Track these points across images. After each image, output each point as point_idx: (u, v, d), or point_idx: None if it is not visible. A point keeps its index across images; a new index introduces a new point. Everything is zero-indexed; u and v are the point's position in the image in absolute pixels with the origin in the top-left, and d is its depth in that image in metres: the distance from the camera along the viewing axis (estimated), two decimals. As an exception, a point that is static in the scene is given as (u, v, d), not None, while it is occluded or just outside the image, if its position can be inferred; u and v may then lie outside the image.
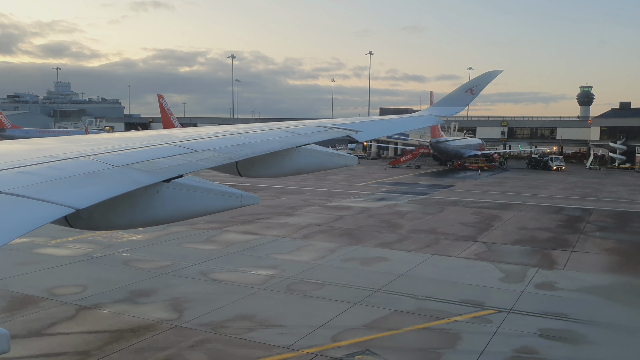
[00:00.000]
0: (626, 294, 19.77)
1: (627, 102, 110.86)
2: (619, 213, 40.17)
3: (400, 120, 15.32)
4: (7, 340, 3.93)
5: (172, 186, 6.54)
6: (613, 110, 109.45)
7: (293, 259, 24.30)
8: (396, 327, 16.11)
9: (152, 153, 6.80)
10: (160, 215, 6.64)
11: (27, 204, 4.47)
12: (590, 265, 23.98)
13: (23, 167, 5.39)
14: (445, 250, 26.51)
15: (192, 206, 6.81)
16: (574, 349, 14.68)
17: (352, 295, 18.99)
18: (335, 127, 11.15)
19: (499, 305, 18.14)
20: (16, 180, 4.92)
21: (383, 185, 58.12)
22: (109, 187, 5.39)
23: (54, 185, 5.02)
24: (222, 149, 7.77)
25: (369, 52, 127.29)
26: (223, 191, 7.14)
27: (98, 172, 5.65)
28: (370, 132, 12.47)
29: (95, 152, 6.39)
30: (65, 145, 7.24)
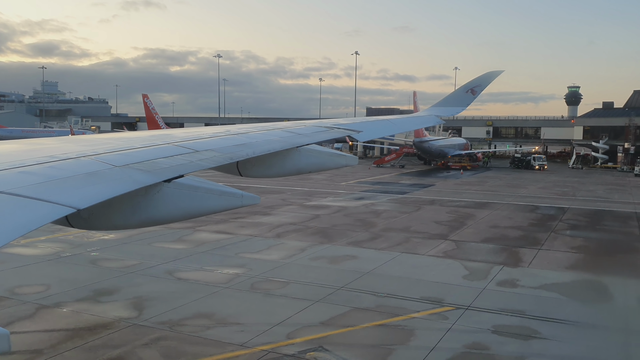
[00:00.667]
0: (584, 291, 20.10)
1: (610, 102, 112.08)
2: (593, 212, 40.67)
3: (400, 121, 15.34)
4: (7, 340, 3.94)
5: (173, 186, 6.55)
6: (596, 110, 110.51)
7: (262, 257, 24.41)
8: (353, 324, 16.29)
9: (153, 153, 6.82)
10: (161, 215, 6.66)
11: (28, 203, 4.49)
12: (555, 263, 24.30)
13: (24, 167, 5.40)
14: (414, 249, 26.75)
15: (192, 206, 6.83)
16: (524, 345, 14.93)
17: (314, 293, 19.15)
18: (336, 127, 11.18)
19: (458, 302, 18.38)
20: (17, 180, 4.94)
21: (364, 185, 58.35)
22: (109, 187, 5.41)
23: (55, 185, 5.04)
24: (223, 149, 7.78)
25: (355, 52, 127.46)
26: (224, 191, 7.15)
27: (99, 172, 5.67)
28: (371, 132, 12.52)
29: (96, 152, 6.41)
30: (66, 145, 7.26)
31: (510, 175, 75.45)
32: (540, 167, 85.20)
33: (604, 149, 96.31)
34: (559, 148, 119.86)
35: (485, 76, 15.07)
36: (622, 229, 33.47)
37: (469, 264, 23.90)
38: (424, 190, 54.11)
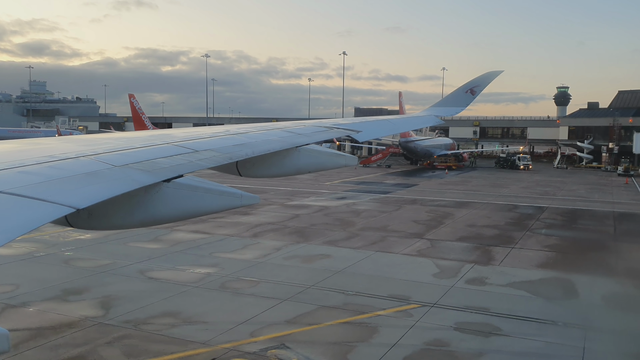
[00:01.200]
0: (551, 288, 20.36)
1: (595, 102, 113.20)
2: (571, 211, 41.09)
3: (400, 121, 15.39)
4: (7, 340, 3.96)
5: (173, 186, 6.56)
6: (581, 111, 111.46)
7: (235, 257, 24.50)
8: (318, 322, 16.44)
9: (153, 153, 6.83)
10: (160, 215, 6.69)
11: (28, 203, 4.49)
12: (526, 261, 24.58)
13: (23, 167, 5.41)
14: (389, 247, 26.95)
15: (192, 206, 6.85)
16: (484, 341, 15.15)
17: (283, 292, 19.28)
18: (335, 127, 11.20)
19: (425, 299, 18.58)
20: (17, 180, 4.95)
21: (348, 185, 58.52)
22: (109, 187, 5.41)
23: (55, 185, 5.05)
24: (223, 149, 7.77)
25: (343, 52, 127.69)
26: (223, 191, 7.16)
27: (98, 172, 5.68)
28: (371, 132, 12.55)
29: (96, 152, 6.41)
30: (66, 145, 7.26)
31: (494, 175, 75.96)
32: (525, 167, 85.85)
33: (589, 149, 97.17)
34: (545, 148, 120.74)
35: (484, 76, 15.10)
36: (598, 227, 33.88)
37: (440, 262, 24.12)
38: (407, 190, 54.38)
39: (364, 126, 12.17)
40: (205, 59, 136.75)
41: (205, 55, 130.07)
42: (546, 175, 75.65)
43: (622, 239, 29.88)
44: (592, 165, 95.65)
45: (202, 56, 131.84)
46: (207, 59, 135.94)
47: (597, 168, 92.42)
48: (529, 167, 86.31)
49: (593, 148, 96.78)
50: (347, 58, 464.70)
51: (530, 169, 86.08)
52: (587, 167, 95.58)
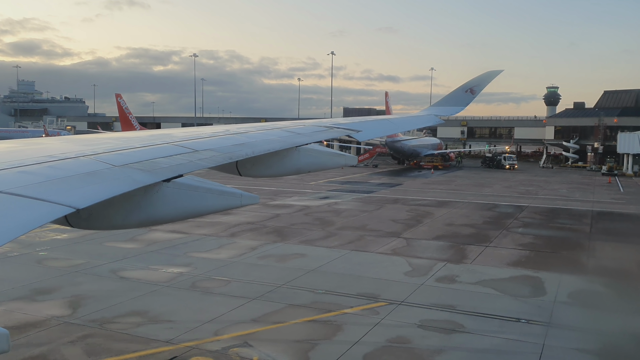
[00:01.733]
0: (519, 286, 20.57)
1: (581, 102, 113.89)
2: (551, 210, 41.46)
3: (400, 120, 15.37)
4: (7, 340, 3.97)
5: (172, 186, 6.55)
6: (567, 110, 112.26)
7: (210, 257, 24.56)
8: (284, 320, 16.55)
9: (152, 153, 6.82)
10: (160, 214, 6.68)
11: (27, 203, 4.49)
12: (499, 259, 24.82)
13: (23, 167, 5.40)
14: (365, 246, 27.11)
15: (192, 206, 6.84)
16: (445, 338, 15.32)
17: (253, 291, 19.38)
18: (335, 127, 11.20)
19: (393, 297, 18.74)
20: (16, 180, 4.94)
21: (333, 184, 58.65)
22: (109, 186, 5.41)
23: (54, 184, 5.04)
24: (222, 149, 7.77)
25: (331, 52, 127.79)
26: (223, 191, 7.16)
27: (98, 171, 5.67)
28: (371, 131, 12.55)
29: (95, 152, 6.42)
30: (65, 145, 7.25)
31: (479, 174, 76.39)
32: (511, 166, 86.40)
33: (575, 148, 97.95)
34: (533, 148, 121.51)
35: (484, 76, 15.09)
36: (574, 226, 34.22)
37: (414, 260, 24.32)
38: (391, 190, 54.60)
39: (364, 126, 12.20)
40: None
41: (194, 55, 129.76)
42: (531, 175, 76.18)
43: (596, 238, 30.21)
44: (578, 164, 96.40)
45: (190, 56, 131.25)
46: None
47: (583, 167, 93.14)
48: (515, 167, 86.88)
49: (579, 148, 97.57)
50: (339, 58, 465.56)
51: (515, 168, 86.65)
52: (572, 166, 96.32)
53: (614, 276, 22.03)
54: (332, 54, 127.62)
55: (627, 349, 14.61)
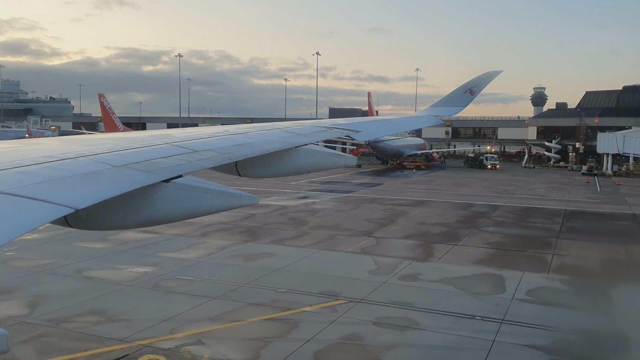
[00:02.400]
0: (480, 284, 20.85)
1: (564, 102, 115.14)
2: (525, 209, 41.91)
3: (399, 121, 15.36)
4: (6, 340, 4.00)
5: (172, 186, 6.53)
6: (550, 111, 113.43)
7: (178, 256, 24.62)
8: (241, 318, 16.69)
9: (152, 153, 6.82)
10: (159, 215, 6.67)
11: (27, 203, 4.48)
12: (464, 258, 25.11)
13: (22, 167, 5.39)
14: (335, 246, 27.30)
15: (191, 206, 6.82)
16: (398, 335, 15.54)
17: (215, 290, 19.48)
18: (334, 127, 11.21)
19: (354, 295, 18.94)
20: (15, 180, 4.94)
21: (314, 184, 58.79)
22: (108, 187, 5.40)
23: (54, 185, 5.03)
24: (222, 149, 7.77)
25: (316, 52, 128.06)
26: (222, 191, 7.13)
27: (97, 172, 5.66)
28: (370, 132, 12.60)
29: (95, 152, 6.42)
30: (65, 145, 7.26)
31: (460, 174, 76.92)
32: (493, 166, 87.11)
33: (556, 148, 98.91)
34: (517, 148, 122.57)
35: (483, 76, 15.14)
36: (545, 225, 34.63)
37: (380, 259, 24.54)
38: (370, 189, 54.87)
39: (364, 126, 12.25)
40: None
41: (179, 55, 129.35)
42: (512, 175, 76.85)
43: (564, 236, 30.60)
44: (560, 164, 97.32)
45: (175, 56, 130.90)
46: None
47: (564, 167, 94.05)
48: (497, 167, 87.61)
49: (560, 148, 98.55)
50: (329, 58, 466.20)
51: (497, 168, 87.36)
52: (554, 166, 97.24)
53: (575, 274, 22.39)
54: (317, 54, 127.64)
55: (574, 345, 14.91)
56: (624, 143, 78.75)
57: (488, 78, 15.09)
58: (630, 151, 79.10)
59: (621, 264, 24.30)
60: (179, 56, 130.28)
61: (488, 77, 15.10)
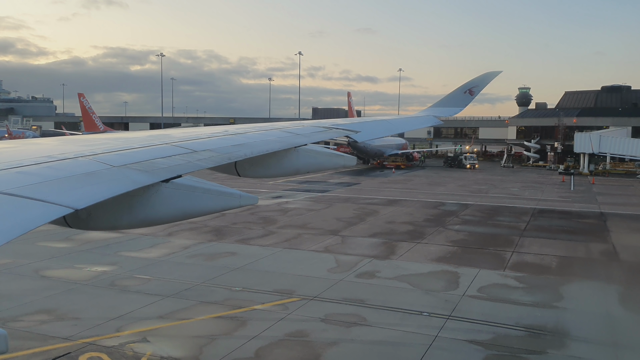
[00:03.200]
0: (434, 281, 21.13)
1: (543, 102, 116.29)
2: (494, 207, 42.37)
3: (399, 121, 15.43)
4: (5, 341, 3.98)
5: (171, 186, 6.53)
6: (529, 111, 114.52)
7: (140, 256, 24.64)
8: (191, 316, 16.80)
9: (151, 153, 6.82)
10: (159, 215, 6.67)
11: (26, 204, 4.47)
12: (425, 255, 25.40)
13: (22, 167, 5.38)
14: (299, 244, 27.46)
15: (190, 206, 6.84)
16: (343, 331, 15.74)
17: (170, 289, 19.56)
18: (334, 127, 11.21)
19: (308, 293, 19.12)
20: (15, 180, 4.93)
21: (291, 184, 58.90)
22: (107, 187, 5.39)
23: (53, 185, 5.02)
24: (221, 149, 7.78)
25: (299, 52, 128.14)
26: (222, 191, 7.14)
27: (97, 172, 5.66)
28: (369, 132, 12.59)
29: (94, 153, 6.43)
30: (64, 146, 7.26)
31: (438, 174, 77.47)
32: (472, 166, 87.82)
33: (536, 148, 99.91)
34: (499, 147, 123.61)
35: (483, 77, 15.19)
36: (511, 223, 35.06)
37: (342, 257, 24.75)
38: (347, 189, 55.10)
39: (363, 126, 12.29)
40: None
41: (161, 55, 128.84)
42: (489, 174, 77.54)
43: (527, 234, 31.03)
44: (539, 164, 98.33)
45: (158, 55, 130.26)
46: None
47: (543, 167, 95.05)
48: (476, 166, 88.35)
49: (539, 147, 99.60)
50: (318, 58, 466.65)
51: (476, 167, 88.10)
52: (533, 166, 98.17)
53: (530, 271, 22.74)
54: (299, 54, 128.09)
55: (513, 340, 15.19)
56: (599, 143, 79.85)
57: (487, 78, 15.19)
58: (606, 151, 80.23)
59: (577, 261, 24.72)
60: (160, 56, 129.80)
61: (487, 78, 15.20)
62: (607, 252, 26.62)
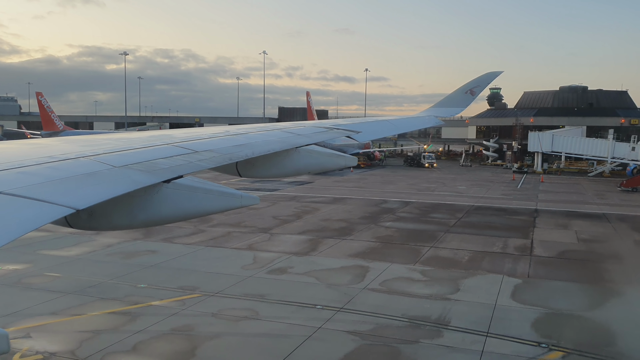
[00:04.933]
0: (342, 275, 21.62)
1: (503, 103, 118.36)
2: (434, 205, 43.22)
3: (399, 121, 15.31)
4: (6, 341, 4.00)
5: (172, 187, 6.52)
6: (489, 111, 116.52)
7: (59, 254, 24.62)
8: (83, 312, 16.99)
9: (152, 153, 6.81)
10: (160, 215, 6.68)
11: (27, 204, 4.45)
12: (345, 251, 25.90)
13: (23, 168, 5.36)
14: (224, 242, 27.74)
15: (191, 206, 6.84)
16: (230, 325, 16.11)
17: (75, 286, 19.67)
18: (335, 128, 11.24)
19: (212, 289, 19.42)
20: (16, 181, 4.90)
21: (244, 182, 58.86)
22: (109, 187, 5.39)
23: (54, 185, 5.01)
24: (222, 150, 7.79)
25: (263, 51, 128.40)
26: (223, 192, 7.13)
27: (98, 172, 5.66)
28: (370, 132, 12.65)
29: (96, 153, 6.43)
30: (65, 146, 7.23)
31: (395, 173, 78.46)
32: (430, 164, 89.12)
33: (494, 147, 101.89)
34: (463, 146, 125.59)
35: (484, 77, 15.31)
36: (443, 220, 35.86)
37: (262, 254, 25.11)
38: (298, 188, 55.49)
39: (364, 127, 12.34)
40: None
41: (124, 53, 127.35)
42: (445, 173, 78.80)
43: (454, 230, 31.81)
44: (497, 163, 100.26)
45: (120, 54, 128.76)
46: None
47: (501, 165, 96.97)
48: (434, 165, 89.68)
49: (498, 147, 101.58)
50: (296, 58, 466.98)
51: (435, 166, 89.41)
52: (492, 164, 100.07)
53: (440, 265, 23.39)
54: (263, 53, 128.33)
55: (392, 330, 15.74)
56: (552, 142, 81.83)
57: (488, 78, 15.36)
58: (560, 150, 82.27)
59: (489, 256, 25.49)
60: (124, 54, 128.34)
61: (488, 78, 15.39)
62: (522, 247, 27.50)
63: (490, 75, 15.59)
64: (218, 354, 14.26)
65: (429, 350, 14.49)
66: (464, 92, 15.25)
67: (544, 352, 14.32)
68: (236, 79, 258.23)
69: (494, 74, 15.64)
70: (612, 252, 26.71)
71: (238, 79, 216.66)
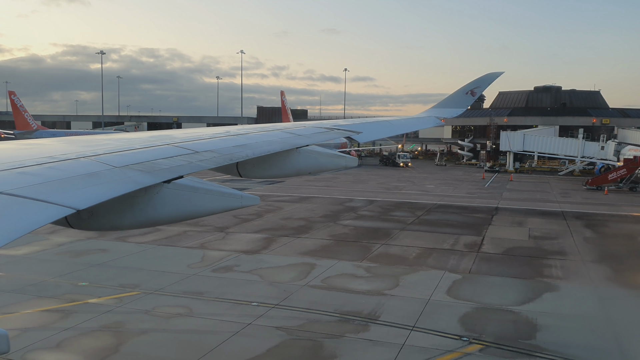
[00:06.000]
0: (287, 273, 21.85)
1: (478, 102, 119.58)
2: (397, 203, 43.65)
3: (400, 122, 15.41)
4: (6, 341, 4.00)
5: (173, 187, 6.60)
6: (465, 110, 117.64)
7: (7, 253, 24.47)
8: (17, 310, 17.00)
9: (153, 154, 6.84)
10: (160, 215, 6.70)
11: (28, 204, 4.47)
12: (296, 249, 26.14)
13: (23, 168, 5.38)
14: (178, 241, 27.80)
15: (192, 207, 6.88)
16: (160, 322, 16.23)
17: (15, 284, 19.67)
18: (335, 128, 11.25)
19: (152, 287, 19.53)
20: (17, 181, 4.93)
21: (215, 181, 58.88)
22: (109, 187, 5.40)
23: (55, 185, 5.03)
24: (223, 150, 7.81)
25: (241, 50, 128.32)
26: (223, 192, 7.19)
27: (98, 172, 5.67)
28: (371, 133, 12.69)
29: (96, 153, 6.43)
30: (66, 146, 7.24)
31: (369, 172, 78.95)
32: (405, 164, 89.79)
33: (469, 146, 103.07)
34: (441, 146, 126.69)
35: (484, 77, 15.32)
36: (402, 218, 36.23)
37: (212, 253, 25.24)
38: (269, 187, 55.59)
39: (364, 127, 12.40)
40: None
41: (101, 52, 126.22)
42: (418, 172, 79.48)
43: (409, 228, 32.21)
44: (472, 162, 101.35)
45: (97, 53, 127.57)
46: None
47: (475, 165, 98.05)
48: (409, 164, 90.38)
49: (472, 146, 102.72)
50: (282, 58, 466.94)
51: (409, 166, 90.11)
52: (467, 164, 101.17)
53: (385, 262, 23.71)
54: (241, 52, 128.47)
55: (320, 326, 15.98)
56: (523, 141, 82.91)
57: (489, 79, 15.47)
58: (531, 149, 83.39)
59: (437, 252, 25.88)
60: (101, 53, 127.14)
61: (489, 78, 15.48)
62: (472, 244, 27.96)
63: (491, 76, 15.74)
64: (141, 349, 14.39)
65: (352, 344, 14.77)
66: (465, 93, 15.47)
67: (463, 345, 14.67)
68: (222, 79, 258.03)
69: (494, 74, 15.80)
70: (558, 249, 27.28)
71: (218, 78, 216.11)
